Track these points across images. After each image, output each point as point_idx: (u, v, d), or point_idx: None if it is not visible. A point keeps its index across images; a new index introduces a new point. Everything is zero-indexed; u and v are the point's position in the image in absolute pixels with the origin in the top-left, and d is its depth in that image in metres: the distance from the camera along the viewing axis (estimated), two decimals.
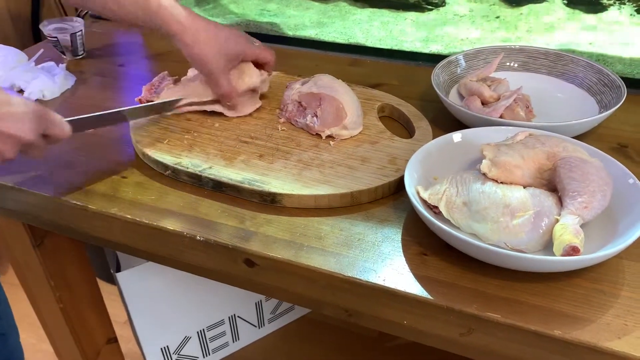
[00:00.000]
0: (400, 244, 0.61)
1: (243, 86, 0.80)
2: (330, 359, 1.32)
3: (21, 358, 0.88)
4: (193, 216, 0.66)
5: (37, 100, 0.91)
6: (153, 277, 1.04)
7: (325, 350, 1.34)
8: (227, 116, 0.82)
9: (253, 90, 0.83)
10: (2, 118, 0.59)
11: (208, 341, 1.24)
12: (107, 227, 0.70)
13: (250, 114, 0.83)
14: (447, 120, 0.80)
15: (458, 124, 0.78)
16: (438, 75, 0.84)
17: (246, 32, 1.11)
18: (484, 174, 0.61)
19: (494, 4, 1.07)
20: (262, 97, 0.87)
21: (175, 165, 0.72)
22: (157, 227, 0.65)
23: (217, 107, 0.82)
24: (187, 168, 0.71)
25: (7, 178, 0.74)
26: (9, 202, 0.76)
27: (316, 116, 0.77)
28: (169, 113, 0.82)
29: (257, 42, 0.83)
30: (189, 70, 0.88)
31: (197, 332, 1.20)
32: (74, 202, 0.70)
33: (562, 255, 0.53)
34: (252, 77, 0.81)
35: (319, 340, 1.36)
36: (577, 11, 1.02)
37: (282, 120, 0.81)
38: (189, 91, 0.82)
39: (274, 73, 0.94)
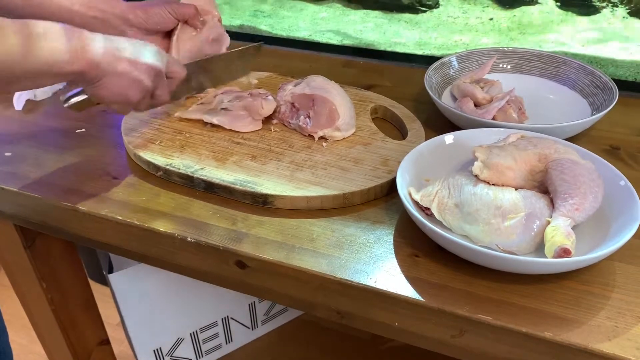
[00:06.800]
0: (392, 246, 0.61)
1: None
2: None
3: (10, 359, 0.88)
4: (184, 217, 0.66)
5: (28, 100, 0.90)
6: (146, 278, 1.04)
7: (319, 351, 1.34)
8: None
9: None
10: (137, 52, 0.66)
11: (201, 343, 1.23)
12: (98, 229, 0.69)
13: None
14: (439, 122, 0.80)
15: (451, 126, 0.78)
16: (431, 76, 0.84)
17: (239, 34, 1.10)
18: (476, 176, 0.61)
19: (487, 6, 1.07)
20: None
21: (167, 166, 0.71)
22: (148, 228, 0.65)
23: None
24: (179, 169, 0.71)
25: None
26: None
27: (309, 117, 0.77)
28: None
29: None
30: None
31: (190, 334, 1.20)
32: (65, 203, 0.69)
33: (554, 257, 0.53)
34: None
35: (312, 341, 1.35)
36: (569, 13, 1.02)
37: (274, 121, 0.81)
38: None
39: (267, 73, 0.94)
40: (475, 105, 0.80)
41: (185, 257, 0.66)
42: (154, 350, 1.15)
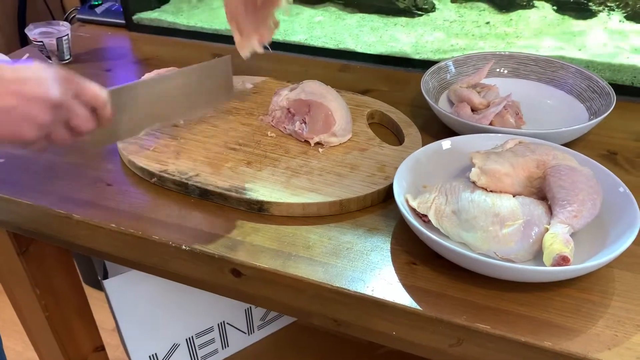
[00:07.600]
0: (389, 253, 0.61)
1: None
2: None
3: None
4: (179, 225, 0.65)
5: None
6: (141, 284, 1.03)
7: (315, 356, 1.33)
8: (215, 123, 0.81)
9: None
10: (23, 81, 0.54)
11: (197, 348, 1.22)
12: (91, 236, 0.68)
13: (237, 120, 0.82)
14: (436, 127, 0.80)
15: (447, 131, 0.78)
16: (427, 81, 0.84)
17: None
18: (474, 183, 0.61)
19: (483, 10, 1.07)
20: (249, 100, 0.87)
21: (161, 173, 0.71)
22: (143, 236, 0.64)
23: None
24: (173, 176, 0.70)
25: None
26: None
27: (305, 123, 0.76)
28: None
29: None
30: None
31: (186, 340, 1.19)
32: (58, 210, 0.68)
33: (552, 265, 0.52)
34: None
35: (309, 346, 1.35)
36: (566, 17, 1.02)
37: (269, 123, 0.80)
38: None
39: (263, 78, 0.94)
40: (472, 110, 0.79)
41: (179, 265, 0.65)
42: (150, 356, 1.15)
